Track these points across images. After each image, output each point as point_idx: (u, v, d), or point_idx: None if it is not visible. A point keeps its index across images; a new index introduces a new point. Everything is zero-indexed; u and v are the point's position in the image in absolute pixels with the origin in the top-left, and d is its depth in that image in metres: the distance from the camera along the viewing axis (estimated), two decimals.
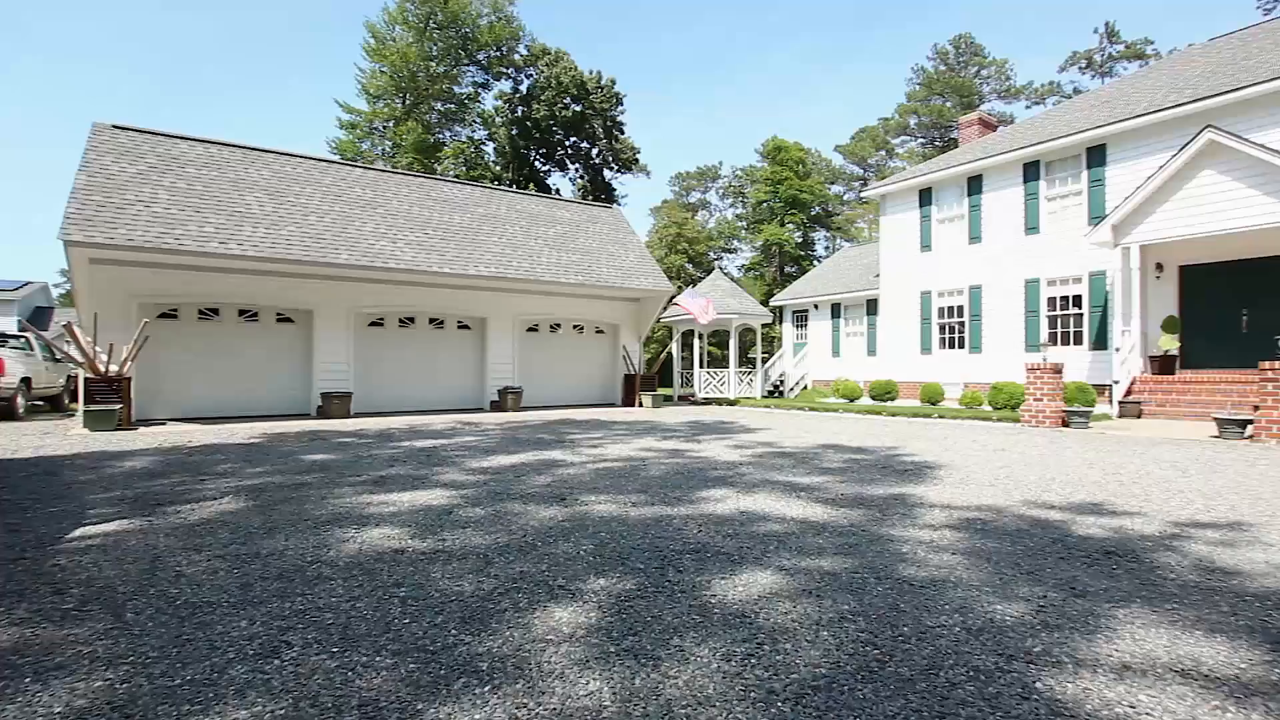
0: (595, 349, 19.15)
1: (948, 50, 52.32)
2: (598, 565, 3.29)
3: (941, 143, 50.02)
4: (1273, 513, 4.44)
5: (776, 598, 2.82)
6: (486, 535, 3.87)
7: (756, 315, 22.03)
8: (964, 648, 2.30)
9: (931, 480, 5.79)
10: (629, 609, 2.69)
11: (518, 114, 42.45)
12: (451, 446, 8.41)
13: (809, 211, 49.78)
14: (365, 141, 40.87)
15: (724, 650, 2.28)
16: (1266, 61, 13.56)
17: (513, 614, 2.63)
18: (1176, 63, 17.80)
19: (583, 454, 7.64)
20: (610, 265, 18.18)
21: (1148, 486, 5.45)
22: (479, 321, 16.76)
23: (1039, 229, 15.94)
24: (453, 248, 15.45)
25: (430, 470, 6.37)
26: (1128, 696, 1.96)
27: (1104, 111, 15.74)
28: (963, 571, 3.17)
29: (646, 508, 4.64)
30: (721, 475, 6.06)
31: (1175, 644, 2.34)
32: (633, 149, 44.89)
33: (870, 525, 4.11)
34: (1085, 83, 48.01)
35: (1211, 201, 11.81)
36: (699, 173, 61.92)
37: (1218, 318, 13.10)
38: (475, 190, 19.08)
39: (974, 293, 17.24)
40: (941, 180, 18.13)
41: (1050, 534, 3.89)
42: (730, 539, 3.78)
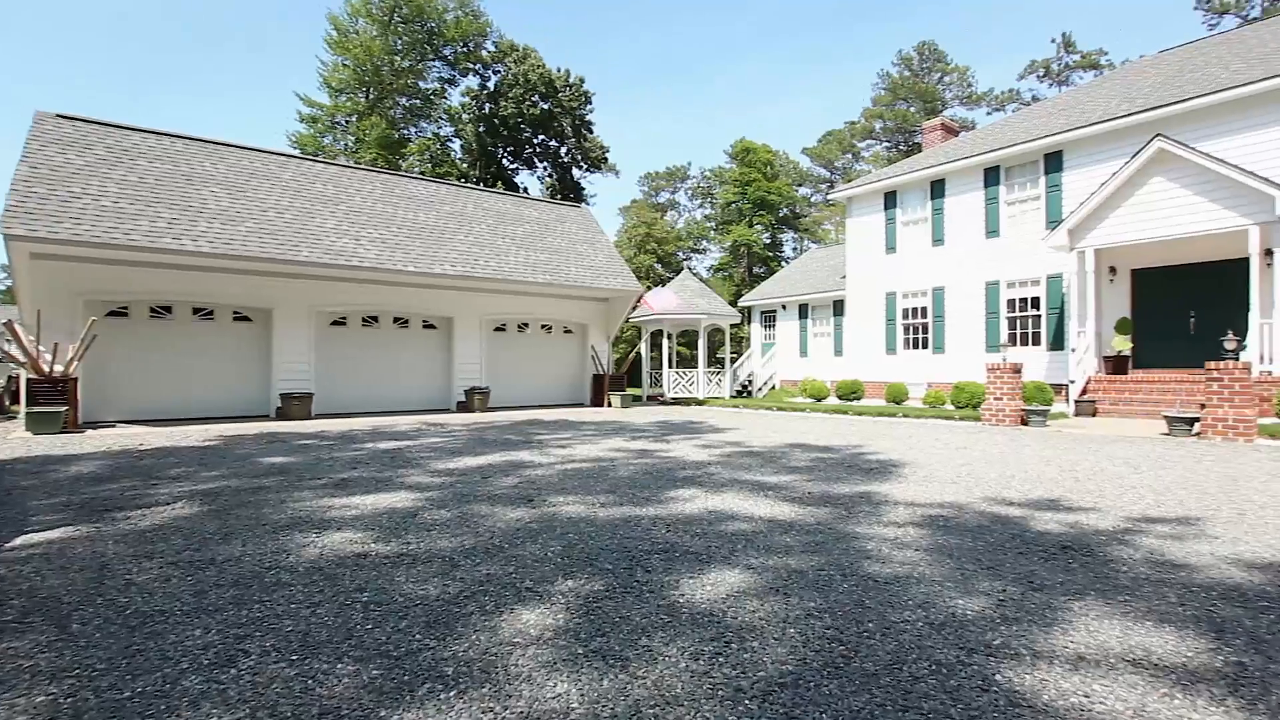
0: (564, 349, 19.06)
1: (912, 56, 53.39)
2: (566, 566, 3.26)
3: (906, 147, 51.02)
4: (1218, 507, 4.63)
5: (744, 596, 2.83)
6: (452, 538, 3.82)
7: (725, 315, 22.18)
8: (927, 642, 2.34)
9: (896, 478, 5.89)
10: (597, 610, 2.67)
11: (485, 111, 42.02)
12: (416, 448, 8.27)
13: (777, 213, 50.31)
14: (327, 136, 40.00)
15: (692, 649, 2.28)
16: (1211, 74, 14.15)
17: (479, 617, 2.59)
18: (1129, 73, 18.46)
19: (551, 455, 7.59)
20: (579, 265, 18.11)
21: (1101, 483, 5.63)
22: (445, 321, 16.54)
23: (999, 232, 16.37)
24: (418, 246, 15.22)
25: (394, 472, 6.25)
26: (1082, 686, 2.02)
27: (1060, 119, 16.23)
28: (926, 567, 3.23)
29: (615, 508, 4.63)
30: (690, 475, 6.08)
31: (1127, 635, 2.41)
32: (601, 148, 44.81)
33: (836, 523, 4.16)
34: (1043, 91, 49.48)
35: (1161, 207, 12.27)
36: (668, 173, 62.09)
37: (1168, 320, 13.62)
38: (442, 188, 18.82)
39: (937, 294, 17.62)
40: (906, 184, 18.49)
41: (1010, 530, 3.99)
42: (698, 538, 3.79)
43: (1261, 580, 3.02)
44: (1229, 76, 13.37)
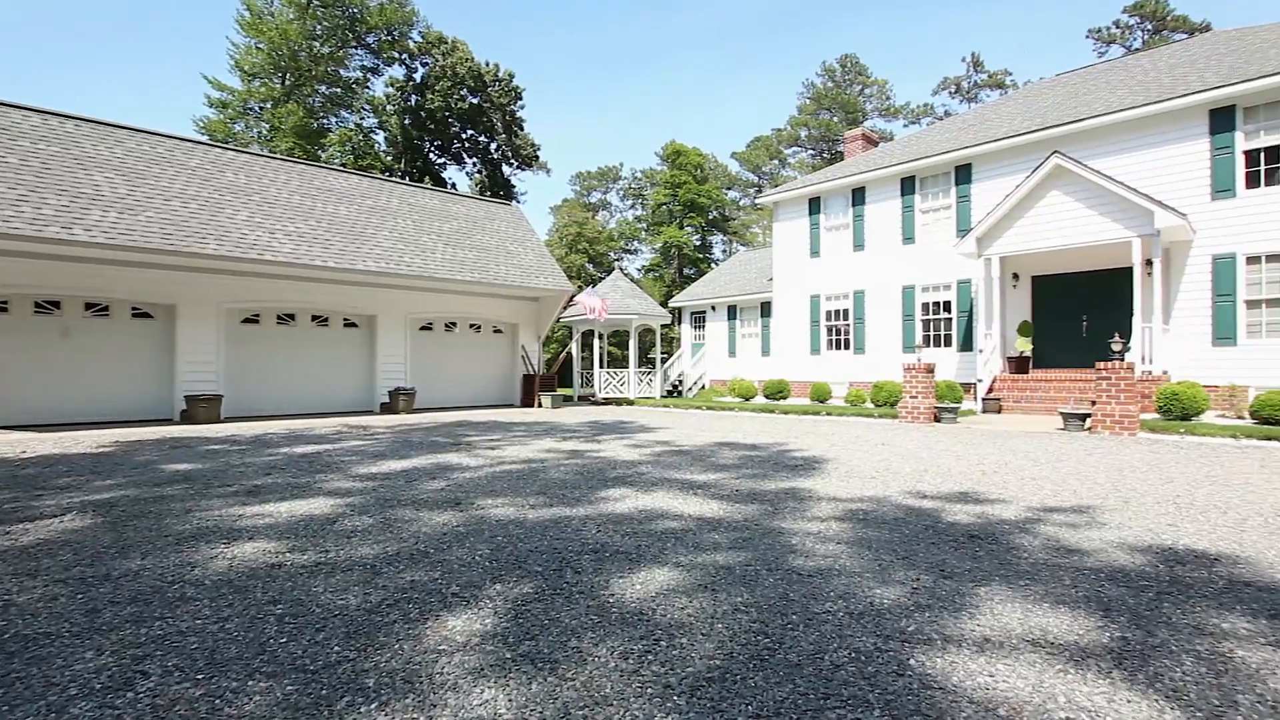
0: (493, 349, 18.73)
1: (835, 68, 55.41)
2: (494, 570, 3.21)
3: (829, 155, 52.88)
4: (1105, 496, 5.03)
5: (673, 594, 2.86)
6: (375, 545, 3.68)
7: (656, 316, 22.36)
8: (847, 631, 2.43)
9: (819, 474, 6.10)
10: (526, 613, 2.64)
11: (411, 103, 40.77)
12: (336, 451, 7.94)
13: (707, 215, 51.16)
14: (238, 123, 37.77)
15: (621, 648, 2.29)
16: (1101, 97, 15.38)
17: (403, 626, 2.51)
18: (1030, 94, 19.80)
19: (480, 457, 7.45)
20: (509, 263, 17.84)
21: (1005, 475, 6.01)
22: (367, 319, 15.94)
23: (914, 239, 17.21)
24: (338, 241, 14.60)
25: (312, 478, 5.98)
26: (988, 667, 2.15)
27: (969, 134, 17.24)
28: (847, 560, 3.36)
29: (545, 509, 4.59)
30: (621, 475, 6.10)
31: (1027, 617, 2.59)
32: (532, 145, 44.32)
33: (763, 519, 4.27)
34: (955, 106, 52.39)
35: (1057, 219, 13.22)
36: (600, 173, 62.05)
37: (1064, 323, 14.70)
38: (364, 181, 18.12)
39: (858, 297, 18.36)
40: (829, 190, 19.17)
41: (924, 521, 4.20)
42: (629, 538, 3.80)
43: (1142, 562, 3.30)
44: (1117, 100, 14.56)
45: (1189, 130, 13.07)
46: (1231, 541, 3.68)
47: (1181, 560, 3.33)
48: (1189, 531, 3.90)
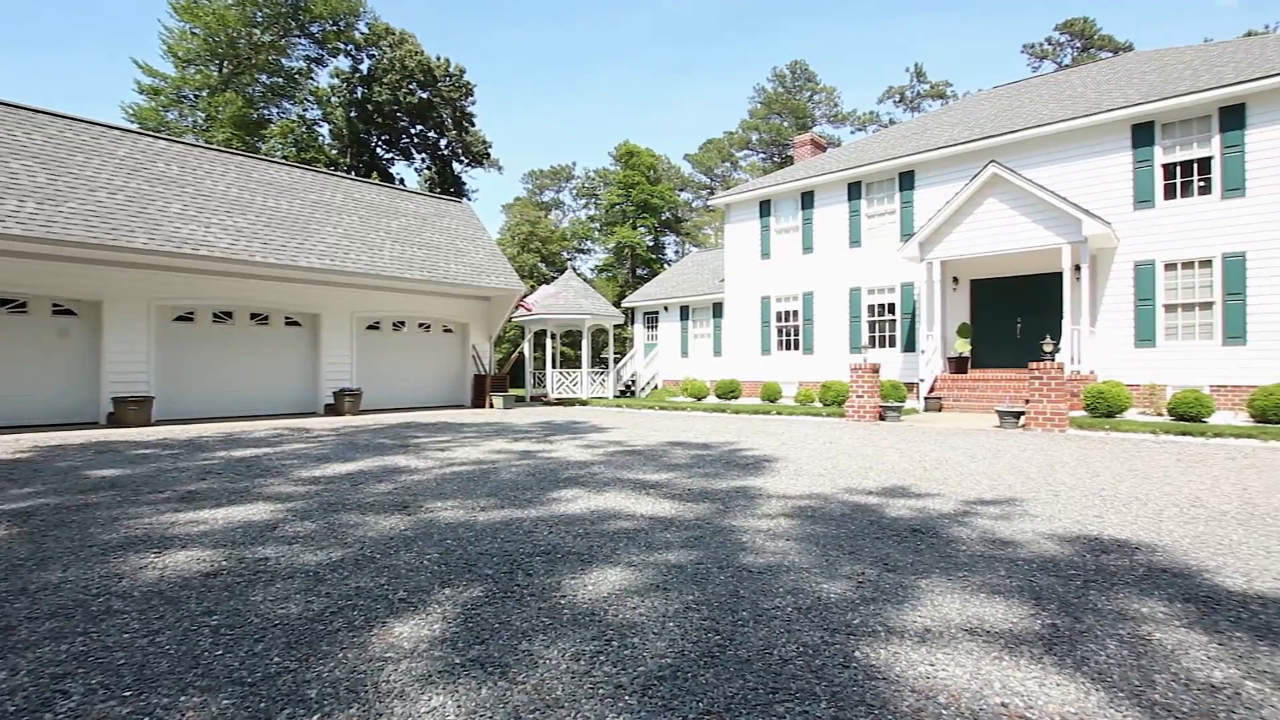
0: (443, 348, 18.38)
1: (785, 74, 56.47)
2: (443, 574, 3.15)
3: (780, 159, 53.86)
4: (1037, 489, 5.27)
5: (625, 594, 2.86)
6: (318, 550, 3.57)
7: (609, 316, 22.34)
8: (795, 626, 2.48)
9: (769, 473, 6.21)
10: (476, 617, 2.60)
11: (357, 95, 39.66)
12: (277, 455, 7.65)
13: (660, 216, 51.40)
14: (171, 111, 36.02)
15: (573, 650, 2.28)
16: (1035, 110, 16.12)
17: (347, 634, 2.44)
18: (969, 104, 20.60)
19: (429, 458, 7.30)
20: (459, 262, 17.55)
21: (945, 471, 6.24)
22: (311, 318, 15.42)
23: (861, 243, 17.68)
24: (279, 236, 14.08)
25: (251, 482, 5.75)
26: (929, 656, 2.23)
27: (913, 142, 17.81)
28: (795, 556, 3.42)
29: (496, 511, 4.53)
30: (573, 475, 6.07)
31: (965, 607, 2.69)
32: (484, 142, 43.69)
33: (714, 517, 4.32)
34: (899, 115, 54.09)
35: (994, 226, 13.79)
36: (552, 171, 61.66)
37: (1000, 325, 15.34)
38: (307, 174, 17.53)
39: (807, 299, 18.75)
40: (779, 194, 19.52)
41: (869, 517, 4.32)
42: (581, 538, 3.79)
43: (1070, 552, 3.47)
44: (1048, 113, 15.28)
45: (1113, 144, 13.83)
46: (1151, 531, 3.91)
47: (1106, 549, 3.52)
48: (1113, 522, 4.13)
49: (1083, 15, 46.65)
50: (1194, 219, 12.89)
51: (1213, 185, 12.76)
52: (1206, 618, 2.56)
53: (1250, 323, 12.28)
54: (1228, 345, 12.50)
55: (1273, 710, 1.87)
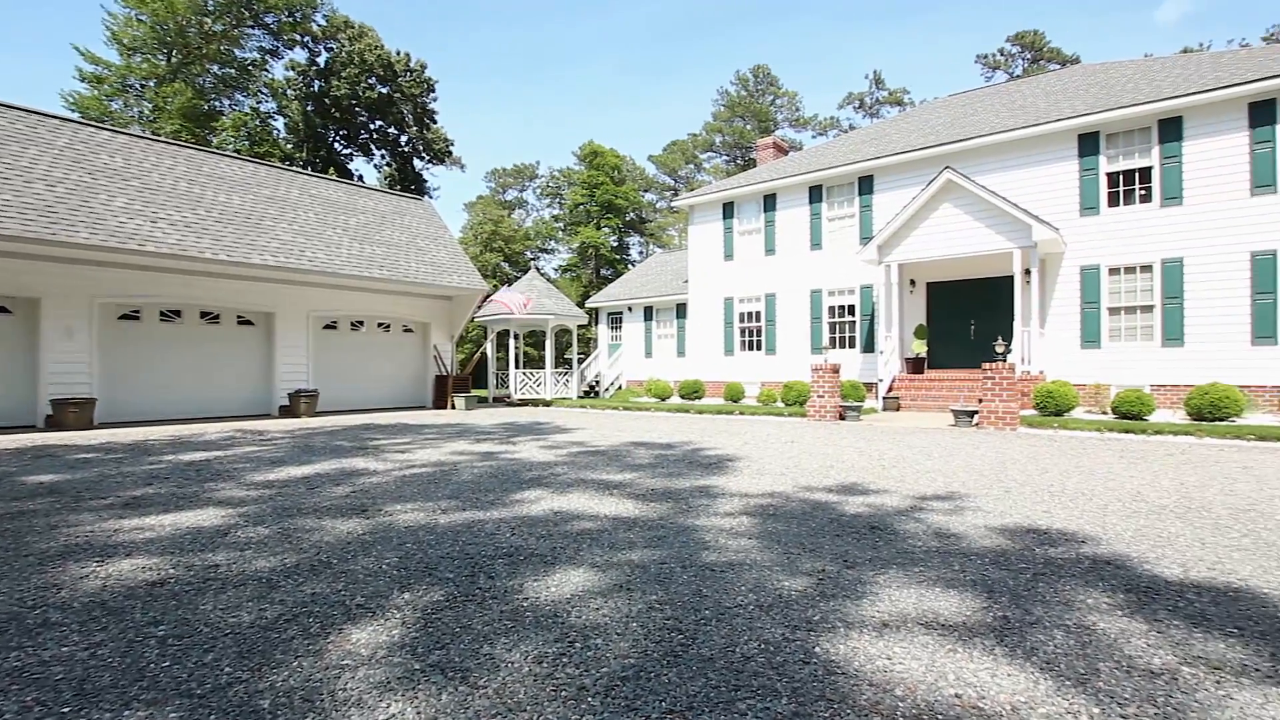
0: (403, 349, 18.06)
1: (748, 77, 57.05)
2: (402, 579, 3.09)
3: (743, 161, 54.40)
4: (990, 486, 5.43)
5: (589, 595, 2.86)
6: (271, 556, 3.47)
7: (573, 316, 22.25)
8: (757, 623, 2.51)
9: (732, 472, 6.26)
10: (436, 621, 2.56)
11: (314, 89, 38.68)
12: (229, 458, 7.41)
13: (624, 217, 51.42)
14: (116, 100, 34.56)
15: (535, 653, 2.26)
16: (988, 119, 16.63)
17: (302, 641, 2.38)
18: (925, 112, 21.13)
19: (388, 460, 7.16)
20: (420, 260, 17.26)
21: (903, 469, 6.38)
22: (265, 317, 14.98)
23: (821, 245, 17.98)
24: (231, 232, 13.65)
25: (201, 487, 5.55)
26: (886, 650, 2.27)
27: (872, 147, 18.19)
28: (757, 554, 3.46)
29: (457, 514, 4.47)
30: (536, 476, 6.03)
31: (921, 600, 2.76)
32: (445, 140, 43.06)
33: (677, 517, 4.34)
34: (859, 120, 55.17)
35: (949, 230, 14.17)
36: (516, 170, 61.14)
37: (954, 326, 15.77)
38: (261, 169, 17.03)
39: (769, 300, 18.98)
40: (742, 196, 19.71)
41: (829, 514, 4.40)
42: (544, 540, 3.77)
43: (1021, 546, 3.59)
44: (1000, 122, 15.78)
45: (1061, 152, 14.35)
46: (1096, 525, 4.06)
47: (1054, 543, 3.65)
48: (1061, 517, 4.28)
49: (1033, 28, 48.30)
50: (1136, 226, 13.47)
51: (1153, 194, 13.35)
52: (1146, 607, 2.68)
53: (1187, 326, 12.88)
54: (1167, 347, 13.09)
55: (1207, 694, 1.97)
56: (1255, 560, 3.31)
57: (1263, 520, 4.17)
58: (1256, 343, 12.23)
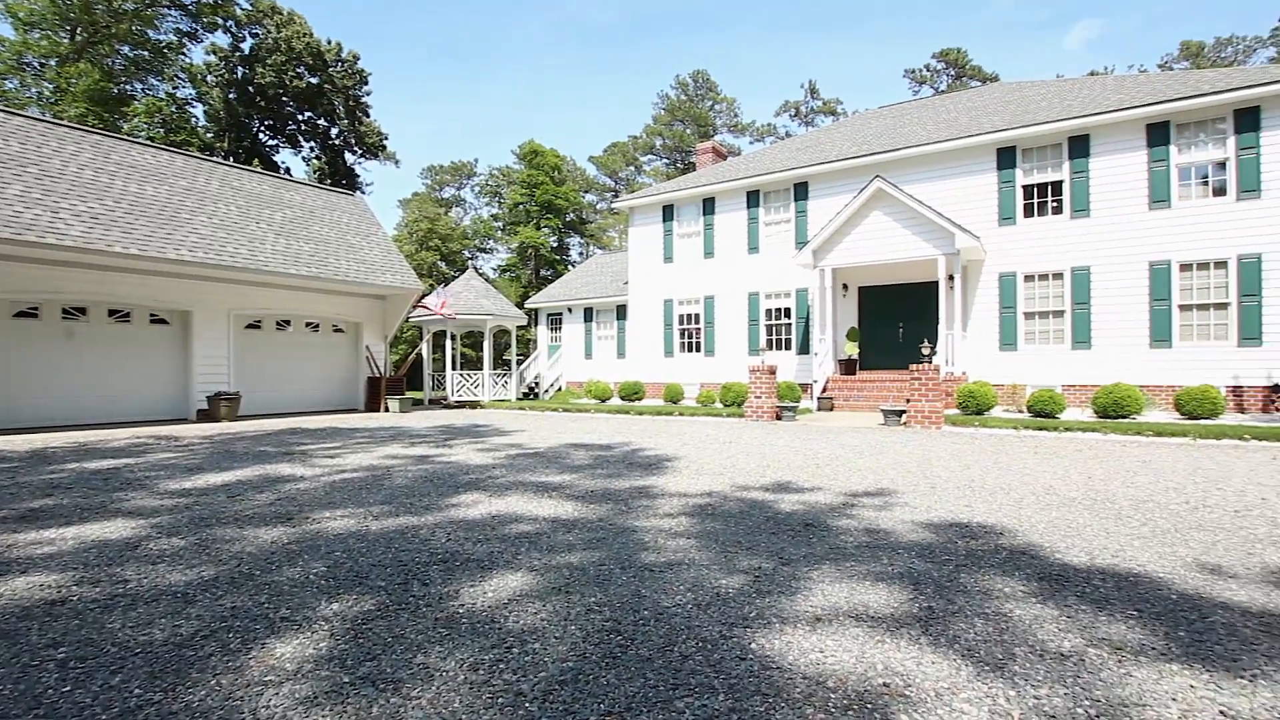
0: (333, 349, 17.39)
1: (688, 82, 57.73)
2: (331, 589, 2.97)
3: (683, 164, 54.98)
4: (917, 482, 5.67)
5: (526, 599, 2.82)
6: (188, 569, 3.27)
7: (511, 317, 21.95)
8: (695, 622, 2.54)
9: (671, 472, 6.31)
10: (367, 632, 2.47)
11: (237, 76, 36.82)
12: (140, 466, 6.96)
13: (564, 217, 51.09)
14: (10, 79, 31.95)
15: (471, 660, 2.22)
16: (915, 131, 17.36)
17: (221, 658, 2.25)
18: (857, 122, 21.89)
19: (316, 466, 6.88)
20: (351, 258, 16.67)
21: (836, 468, 6.58)
22: (181, 315, 14.14)
23: (759, 249, 18.36)
24: (144, 225, 12.82)
25: (108, 497, 5.19)
26: (819, 643, 2.34)
27: (807, 155, 18.71)
28: (695, 553, 3.50)
29: (390, 519, 4.33)
30: (473, 479, 5.91)
31: (852, 594, 2.85)
32: (379, 134, 41.77)
33: (616, 518, 4.34)
34: (794, 128, 56.66)
35: (879, 237, 14.72)
36: (453, 167, 59.88)
37: (884, 329, 16.39)
38: (177, 158, 16.06)
39: (708, 302, 19.24)
40: (682, 199, 19.92)
41: (765, 513, 4.49)
42: (481, 544, 3.70)
43: (944, 539, 3.76)
44: (927, 134, 16.51)
45: (982, 165, 15.13)
46: (1012, 517, 4.30)
47: (975, 535, 3.84)
48: (981, 510, 4.51)
49: (957, 46, 50.80)
50: (1048, 236, 14.34)
51: (1064, 206, 14.24)
52: (1057, 593, 2.85)
53: (1094, 330, 13.80)
54: (1076, 349, 13.99)
55: (1110, 673, 2.11)
56: (1152, 547, 3.58)
57: (1159, 510, 4.51)
58: (1154, 346, 13.23)
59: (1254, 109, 12.45)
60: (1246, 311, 12.42)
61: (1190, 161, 13.08)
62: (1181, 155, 13.15)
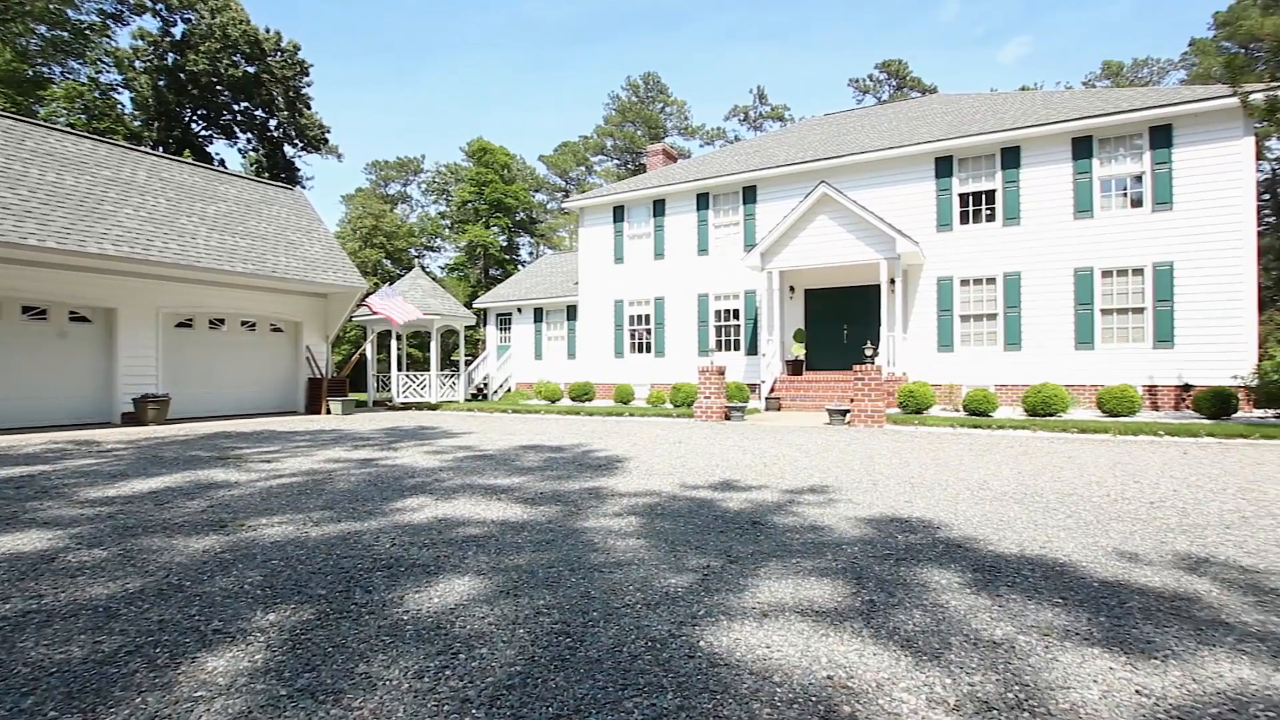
0: (271, 349, 16.73)
1: (639, 84, 57.91)
2: (267, 598, 2.86)
3: (633, 166, 55.10)
4: (860, 479, 5.83)
5: (474, 603, 2.78)
6: (111, 582, 3.10)
7: (460, 317, 21.57)
8: (644, 621, 2.55)
9: (621, 473, 6.32)
10: (306, 642, 2.39)
11: (168, 62, 35.02)
12: (57, 473, 6.55)
13: (514, 216, 50.51)
14: None
15: (416, 667, 2.17)
16: (859, 138, 17.87)
17: (147, 674, 2.14)
18: (804, 128, 22.38)
19: (252, 471, 6.60)
20: (291, 255, 16.08)
21: (783, 466, 6.71)
22: (105, 313, 13.36)
23: (708, 251, 18.57)
24: (62, 217, 12.06)
25: (20, 506, 4.86)
26: (766, 639, 2.38)
27: (755, 159, 19.02)
28: (645, 553, 3.51)
29: (331, 525, 4.20)
30: (419, 483, 5.78)
31: (798, 590, 2.91)
32: (321, 127, 40.40)
33: (566, 520, 4.31)
34: (743, 132, 57.49)
35: (824, 240, 15.09)
36: (399, 163, 58.45)
37: (829, 331, 16.81)
38: (101, 147, 15.18)
39: (659, 303, 19.34)
40: (633, 200, 19.97)
41: (714, 511, 4.54)
42: (427, 549, 3.62)
43: (885, 534, 3.88)
44: (870, 142, 17.02)
45: (921, 173, 15.70)
46: (949, 512, 4.47)
47: (914, 530, 3.97)
48: (920, 505, 4.67)
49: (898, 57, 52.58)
50: (982, 242, 14.99)
51: (996, 214, 14.91)
52: (990, 584, 2.98)
53: (1024, 332, 14.49)
54: (1008, 351, 14.66)
55: (1038, 658, 2.22)
56: (1077, 538, 3.78)
57: (1082, 503, 4.77)
58: (1078, 348, 13.97)
59: (1167, 127, 13.30)
60: (1160, 316, 13.26)
61: (1111, 174, 13.89)
62: (1103, 168, 13.94)
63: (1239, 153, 12.79)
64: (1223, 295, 12.75)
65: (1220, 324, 12.75)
